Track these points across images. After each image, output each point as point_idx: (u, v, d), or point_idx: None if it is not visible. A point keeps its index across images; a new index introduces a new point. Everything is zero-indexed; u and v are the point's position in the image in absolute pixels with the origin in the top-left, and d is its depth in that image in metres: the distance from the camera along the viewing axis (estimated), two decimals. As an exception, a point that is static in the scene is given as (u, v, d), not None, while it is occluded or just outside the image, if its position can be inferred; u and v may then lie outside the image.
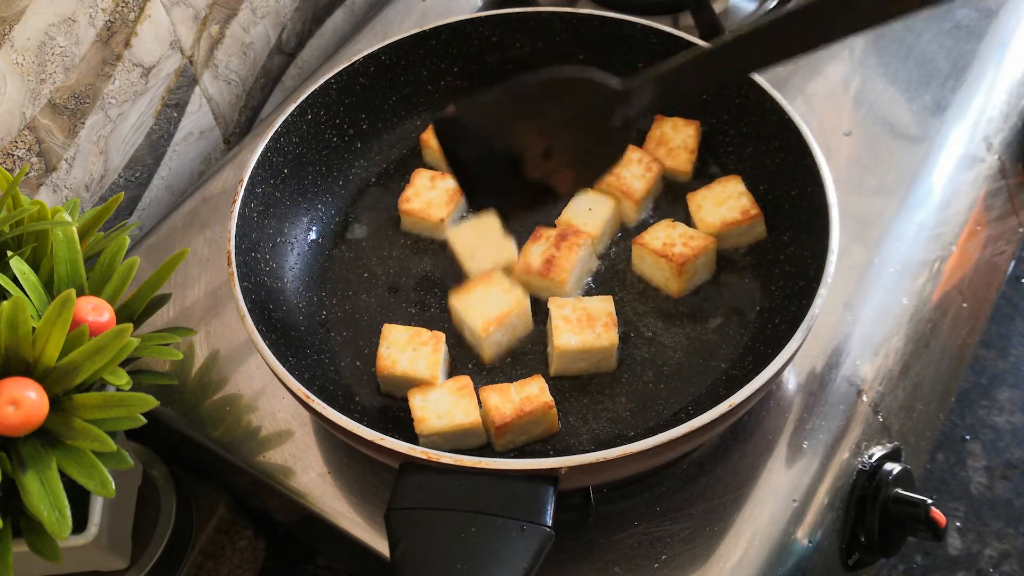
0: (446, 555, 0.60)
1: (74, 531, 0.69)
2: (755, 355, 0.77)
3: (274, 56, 1.13)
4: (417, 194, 0.89)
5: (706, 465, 0.77)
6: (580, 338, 0.77)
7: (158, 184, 1.04)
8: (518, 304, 0.79)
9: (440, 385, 0.76)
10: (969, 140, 0.99)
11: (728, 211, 0.84)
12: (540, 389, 0.75)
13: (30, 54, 0.84)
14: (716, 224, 0.84)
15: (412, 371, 0.76)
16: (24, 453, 0.61)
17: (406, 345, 0.77)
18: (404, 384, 0.77)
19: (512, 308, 0.79)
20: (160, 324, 0.87)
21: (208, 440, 0.82)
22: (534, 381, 0.75)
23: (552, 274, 0.81)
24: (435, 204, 0.88)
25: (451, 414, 0.73)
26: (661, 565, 0.73)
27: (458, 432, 0.73)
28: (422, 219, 0.88)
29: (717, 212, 0.84)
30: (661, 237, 0.83)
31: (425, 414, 0.74)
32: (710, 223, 0.84)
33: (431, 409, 0.74)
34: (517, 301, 0.79)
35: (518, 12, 0.94)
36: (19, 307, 0.61)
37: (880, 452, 0.82)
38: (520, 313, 0.80)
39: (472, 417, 0.74)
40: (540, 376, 0.76)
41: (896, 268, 0.89)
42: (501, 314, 0.78)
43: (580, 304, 0.79)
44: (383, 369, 0.77)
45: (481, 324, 0.78)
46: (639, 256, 0.84)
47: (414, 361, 0.77)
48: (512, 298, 0.79)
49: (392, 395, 0.79)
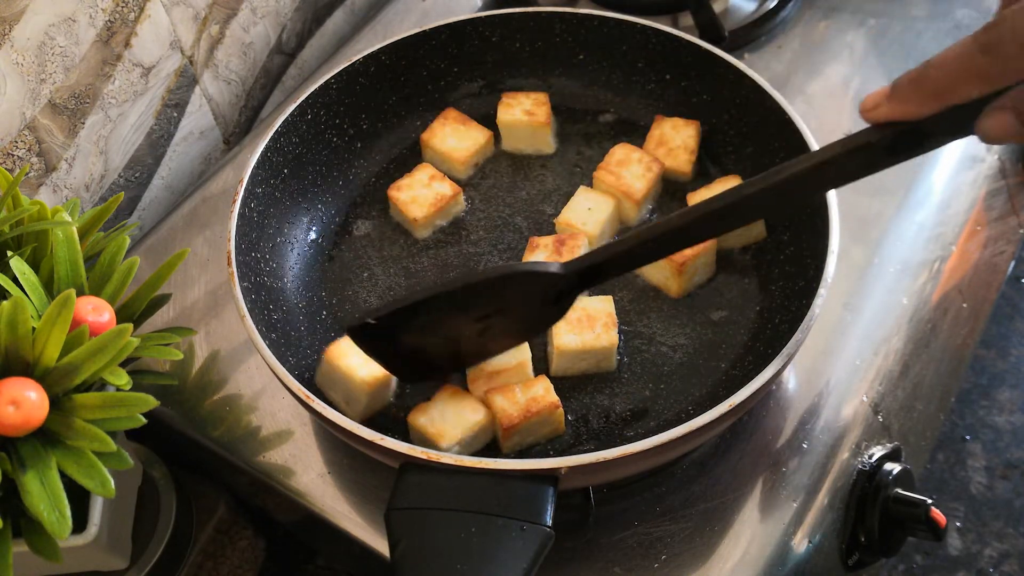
0: (446, 555, 0.60)
1: (74, 531, 0.69)
2: (755, 355, 0.77)
3: (274, 56, 1.13)
4: (410, 186, 0.89)
5: (706, 465, 0.77)
6: (580, 338, 0.77)
7: (158, 184, 1.04)
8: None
9: (433, 400, 0.75)
10: (969, 140, 0.98)
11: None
12: (546, 389, 0.74)
13: (30, 54, 0.84)
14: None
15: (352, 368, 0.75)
16: (24, 453, 0.61)
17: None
18: (340, 379, 0.76)
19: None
20: (160, 324, 0.87)
21: (208, 440, 0.82)
22: (539, 382, 0.75)
23: None
24: (419, 202, 0.88)
25: (463, 418, 0.73)
26: (661, 565, 0.73)
27: (477, 432, 0.73)
28: (400, 210, 0.88)
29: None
30: None
31: (439, 428, 0.72)
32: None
33: (439, 422, 0.73)
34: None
35: (518, 12, 0.94)
36: (19, 307, 0.61)
37: (880, 452, 0.82)
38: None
39: (482, 413, 0.73)
40: (545, 376, 0.76)
41: (896, 268, 0.89)
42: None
43: (580, 304, 0.79)
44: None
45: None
46: None
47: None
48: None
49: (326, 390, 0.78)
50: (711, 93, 0.91)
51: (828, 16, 1.10)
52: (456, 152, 0.92)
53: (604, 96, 0.97)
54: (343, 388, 0.76)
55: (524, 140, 0.94)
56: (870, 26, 1.09)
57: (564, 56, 0.97)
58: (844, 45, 1.07)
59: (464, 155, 0.92)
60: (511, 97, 0.94)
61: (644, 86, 0.95)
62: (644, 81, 0.95)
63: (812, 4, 1.11)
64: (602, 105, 0.97)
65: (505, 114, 0.93)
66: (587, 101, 0.98)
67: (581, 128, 0.96)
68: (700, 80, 0.91)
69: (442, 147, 0.92)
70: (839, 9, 1.11)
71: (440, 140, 0.92)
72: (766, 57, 1.06)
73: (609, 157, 0.88)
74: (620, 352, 0.80)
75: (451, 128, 0.93)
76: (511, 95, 0.94)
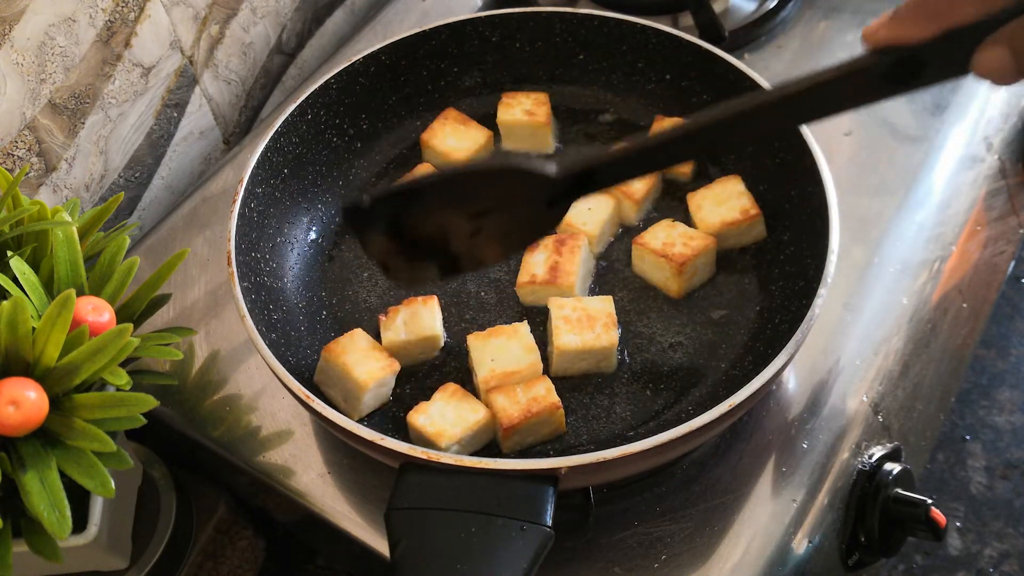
0: (446, 555, 0.60)
1: (74, 531, 0.69)
2: (755, 355, 0.77)
3: (274, 56, 1.13)
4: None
5: (706, 465, 0.77)
6: (580, 338, 0.77)
7: (158, 184, 1.04)
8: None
9: (432, 400, 0.75)
10: (969, 140, 0.99)
11: (728, 211, 0.84)
12: (547, 390, 0.74)
13: (30, 54, 0.84)
14: (716, 224, 0.84)
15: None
16: (24, 453, 0.61)
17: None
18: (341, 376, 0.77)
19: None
20: (160, 324, 0.87)
21: (208, 440, 0.82)
22: (540, 382, 0.75)
23: (560, 280, 0.81)
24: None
25: (462, 418, 0.73)
26: (661, 565, 0.73)
27: (476, 431, 0.73)
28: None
29: (717, 212, 0.84)
30: (661, 237, 0.83)
31: (439, 428, 0.72)
32: (710, 223, 0.84)
33: (439, 422, 0.73)
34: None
35: (518, 12, 0.94)
36: (19, 307, 0.61)
37: (880, 452, 0.81)
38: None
39: (481, 412, 0.73)
40: (546, 377, 0.76)
41: (896, 268, 0.89)
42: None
43: (580, 304, 0.79)
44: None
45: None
46: (639, 256, 0.84)
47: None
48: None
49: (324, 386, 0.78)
50: (711, 93, 0.91)
51: (828, 16, 1.10)
52: (456, 152, 0.92)
53: (604, 96, 0.97)
54: (341, 386, 0.76)
55: (524, 140, 0.94)
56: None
57: (564, 56, 0.97)
58: (844, 45, 1.07)
59: (464, 155, 0.92)
60: (511, 97, 0.94)
61: (644, 86, 0.95)
62: (644, 81, 0.95)
63: (812, 4, 1.11)
64: (602, 105, 0.97)
65: (505, 114, 0.93)
66: (587, 101, 0.98)
67: (581, 128, 0.96)
68: (700, 80, 0.91)
69: (442, 147, 0.92)
70: (839, 9, 1.11)
71: (440, 140, 0.92)
72: (766, 57, 1.06)
73: None
74: (620, 352, 0.80)
75: (451, 128, 0.93)
76: (511, 95, 0.94)
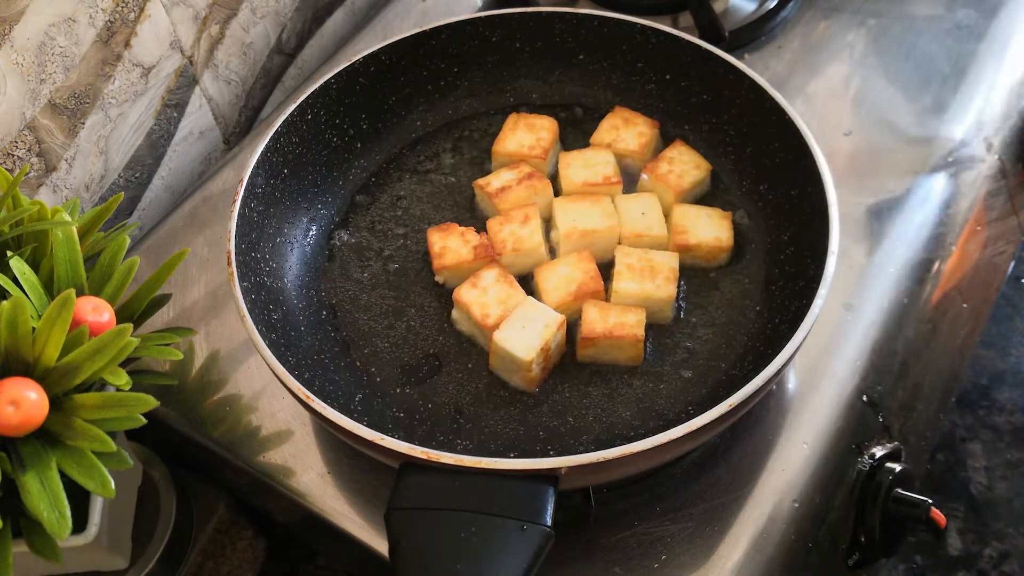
0: (446, 555, 0.60)
1: (74, 531, 0.69)
2: (755, 355, 0.77)
3: (274, 56, 1.13)
4: (446, 239, 0.85)
5: (706, 465, 0.77)
6: (640, 286, 0.80)
7: (158, 184, 1.04)
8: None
9: (482, 277, 0.80)
10: (969, 140, 0.99)
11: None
12: (637, 322, 0.78)
13: (30, 54, 0.84)
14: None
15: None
16: (24, 453, 0.61)
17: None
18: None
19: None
20: (160, 324, 0.87)
21: (208, 440, 0.82)
22: (634, 312, 0.78)
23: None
24: (451, 251, 0.84)
25: (510, 299, 0.79)
26: (661, 565, 0.73)
27: (522, 317, 0.77)
28: (449, 270, 0.84)
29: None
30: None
31: (483, 307, 0.79)
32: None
33: (480, 302, 0.79)
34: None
35: (518, 12, 0.94)
36: (19, 307, 0.61)
37: (880, 452, 0.82)
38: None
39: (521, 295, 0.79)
40: (642, 309, 0.78)
41: (896, 268, 0.89)
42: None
43: (646, 255, 0.82)
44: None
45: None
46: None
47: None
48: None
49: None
50: (711, 93, 0.91)
51: (828, 16, 1.10)
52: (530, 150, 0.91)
53: (604, 96, 0.97)
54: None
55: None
56: (870, 26, 1.09)
57: (564, 56, 0.97)
58: (844, 45, 1.07)
59: (540, 151, 0.91)
60: (517, 120, 0.93)
61: (644, 86, 0.95)
62: (644, 81, 0.95)
63: (812, 4, 1.11)
64: (602, 105, 0.97)
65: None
66: (587, 101, 0.98)
67: (581, 128, 0.96)
68: (700, 80, 0.91)
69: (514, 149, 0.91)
70: (839, 9, 1.11)
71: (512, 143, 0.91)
72: (766, 57, 1.06)
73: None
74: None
75: (523, 127, 0.92)
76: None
